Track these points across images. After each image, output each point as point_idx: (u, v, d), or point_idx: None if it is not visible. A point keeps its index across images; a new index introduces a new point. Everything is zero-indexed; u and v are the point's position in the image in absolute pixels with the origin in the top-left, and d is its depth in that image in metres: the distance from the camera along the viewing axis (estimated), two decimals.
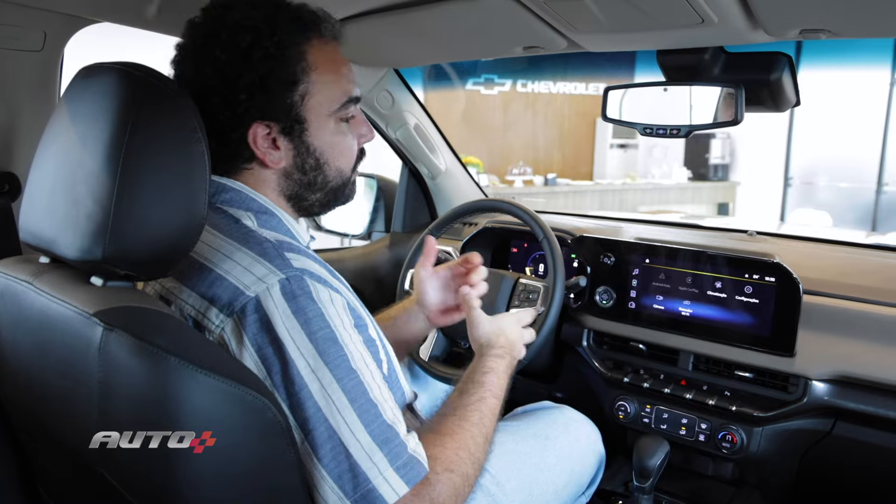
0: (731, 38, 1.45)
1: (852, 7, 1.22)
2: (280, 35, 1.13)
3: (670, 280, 1.87)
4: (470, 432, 1.15)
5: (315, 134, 1.20)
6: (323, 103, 1.19)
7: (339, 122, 1.23)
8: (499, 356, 1.36)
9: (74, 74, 1.03)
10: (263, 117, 1.15)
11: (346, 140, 1.25)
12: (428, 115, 2.48)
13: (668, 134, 1.63)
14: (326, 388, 1.00)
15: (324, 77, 1.18)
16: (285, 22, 1.15)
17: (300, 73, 1.15)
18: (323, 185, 1.24)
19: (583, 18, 1.43)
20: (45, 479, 1.23)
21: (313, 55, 1.17)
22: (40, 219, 1.02)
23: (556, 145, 11.00)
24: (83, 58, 1.06)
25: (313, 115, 1.18)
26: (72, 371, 0.94)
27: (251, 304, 1.02)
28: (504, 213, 1.96)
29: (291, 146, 1.19)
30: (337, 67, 1.21)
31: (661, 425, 1.86)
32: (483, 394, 1.24)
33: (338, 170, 1.25)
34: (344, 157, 1.25)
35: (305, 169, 1.22)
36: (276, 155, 1.18)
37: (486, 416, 1.21)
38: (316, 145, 1.21)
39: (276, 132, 1.17)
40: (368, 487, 0.98)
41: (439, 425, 1.15)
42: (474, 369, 1.31)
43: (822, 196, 9.27)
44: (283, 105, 1.15)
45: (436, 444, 1.10)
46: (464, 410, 1.19)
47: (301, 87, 1.16)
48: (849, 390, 1.63)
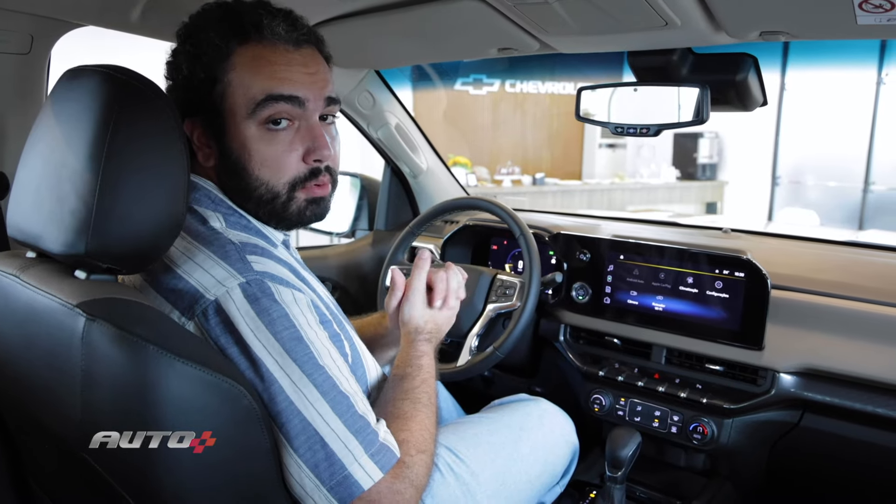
0: (696, 40, 1.50)
1: (807, 10, 1.26)
2: (206, 34, 1.15)
3: (644, 276, 1.91)
4: (424, 412, 1.22)
5: (233, 135, 1.16)
6: (239, 103, 1.15)
7: (264, 128, 1.16)
8: (427, 340, 1.41)
9: (59, 76, 1.05)
10: (191, 114, 1.18)
11: (271, 149, 1.16)
12: (409, 115, 2.51)
13: (639, 133, 1.67)
14: (297, 383, 1.03)
15: (242, 76, 1.14)
16: (216, 22, 1.16)
17: (220, 71, 1.15)
18: (248, 193, 1.18)
19: (551, 21, 1.46)
20: (35, 470, 1.25)
21: (240, 55, 1.14)
22: (27, 215, 1.05)
23: (544, 145, 11.02)
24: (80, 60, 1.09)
25: (230, 115, 1.16)
26: (56, 361, 0.97)
27: (211, 307, 1.04)
28: (483, 211, 2.00)
29: (216, 146, 1.19)
30: (262, 66, 1.14)
31: (634, 418, 1.90)
32: (424, 376, 1.30)
33: (261, 181, 1.17)
34: (268, 169, 1.16)
35: (228, 172, 1.19)
36: (205, 152, 1.20)
37: (431, 396, 1.27)
38: (233, 147, 1.17)
39: (203, 129, 1.19)
40: (344, 474, 1.02)
41: (397, 410, 1.20)
42: (409, 355, 1.36)
43: (809, 195, 9.30)
44: (203, 102, 1.16)
45: (403, 428, 1.15)
46: (413, 394, 1.25)
47: (220, 86, 1.15)
48: (815, 382, 1.67)
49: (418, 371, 1.31)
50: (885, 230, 7.71)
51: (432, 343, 1.42)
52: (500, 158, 10.00)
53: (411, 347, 1.38)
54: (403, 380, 1.28)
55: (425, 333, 1.42)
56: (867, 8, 1.14)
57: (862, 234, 6.09)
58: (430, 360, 1.36)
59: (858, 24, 1.21)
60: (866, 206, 8.81)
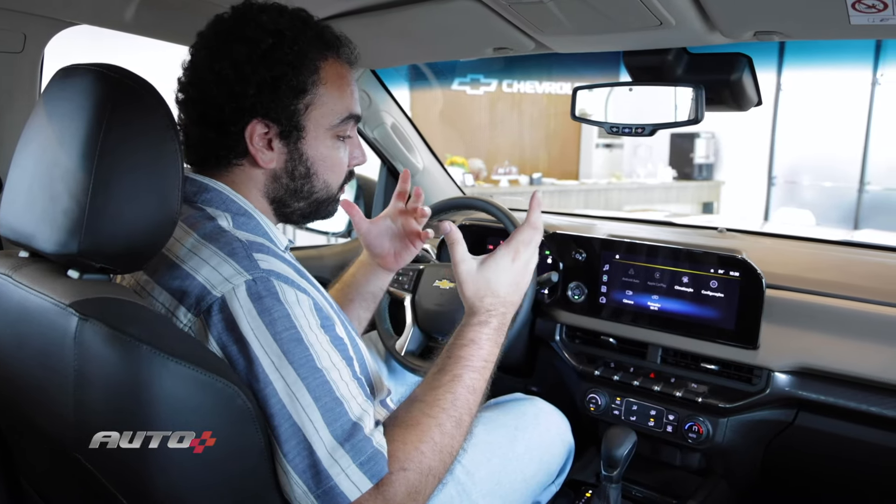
0: (690, 39, 1.50)
1: (800, 10, 1.26)
2: (301, 45, 1.18)
3: (639, 275, 1.92)
4: (437, 419, 1.10)
5: (311, 143, 1.24)
6: (325, 116, 1.23)
7: (336, 139, 1.26)
8: (482, 322, 1.22)
9: (52, 75, 1.05)
10: (265, 116, 1.18)
11: (338, 156, 1.28)
12: (405, 115, 2.51)
13: (634, 133, 1.67)
14: (291, 386, 1.02)
15: (331, 92, 1.23)
16: (309, 35, 1.20)
17: (310, 84, 1.20)
18: (308, 194, 1.28)
19: (546, 21, 1.47)
20: (27, 470, 1.24)
21: (326, 71, 1.22)
22: (19, 214, 1.05)
23: (541, 145, 11.03)
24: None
25: (312, 126, 1.22)
26: (49, 361, 0.96)
27: (217, 304, 1.04)
28: (479, 211, 2.00)
29: (286, 150, 1.23)
30: (344, 87, 1.25)
31: (630, 417, 1.91)
32: (458, 371, 1.16)
33: (325, 183, 1.28)
34: (333, 172, 1.29)
35: (295, 175, 1.25)
36: (268, 155, 1.21)
37: (459, 398, 1.14)
38: (309, 154, 1.24)
39: (273, 134, 1.20)
40: (330, 485, 1.00)
41: (406, 415, 1.12)
42: (454, 341, 1.21)
43: (805, 195, 9.32)
44: (286, 109, 1.19)
45: (396, 438, 1.07)
46: (433, 394, 1.13)
47: (307, 97, 1.20)
48: (810, 381, 1.68)
49: (453, 365, 1.17)
50: (880, 230, 7.72)
51: (490, 323, 1.23)
52: (497, 158, 10.00)
53: (458, 335, 1.22)
54: (435, 374, 1.17)
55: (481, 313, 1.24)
56: (860, 8, 1.14)
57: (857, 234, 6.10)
58: (476, 350, 1.19)
59: (852, 24, 1.21)
60: (862, 206, 8.83)
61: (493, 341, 1.22)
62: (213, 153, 1.21)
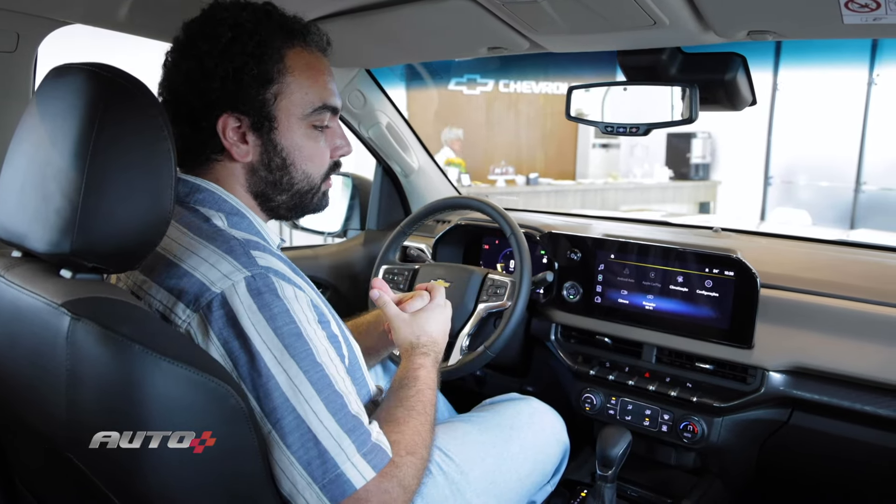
0: (685, 39, 1.50)
1: (793, 10, 1.27)
2: (262, 35, 1.19)
3: (634, 275, 1.92)
4: (418, 419, 1.23)
5: (283, 134, 1.23)
6: (295, 105, 1.22)
7: (312, 128, 1.26)
8: (424, 354, 1.41)
9: (45, 75, 1.05)
10: (234, 109, 1.19)
11: (316, 146, 1.27)
12: (400, 115, 2.52)
13: (628, 132, 1.67)
14: (293, 379, 1.03)
15: (299, 81, 1.22)
16: (270, 25, 1.21)
17: (276, 73, 1.20)
18: (289, 186, 1.27)
19: (540, 20, 1.47)
20: (21, 470, 1.24)
21: (292, 59, 1.21)
22: (12, 214, 1.05)
23: (538, 145, 11.04)
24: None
25: (283, 115, 1.22)
26: (41, 360, 0.97)
27: (217, 299, 1.05)
28: (475, 211, 2.00)
29: (260, 142, 1.23)
30: (315, 75, 1.24)
31: (625, 416, 1.91)
32: (420, 387, 1.30)
33: (304, 173, 1.27)
34: (312, 163, 1.28)
35: (271, 167, 1.25)
36: (243, 148, 1.22)
37: (427, 406, 1.28)
38: (283, 145, 1.23)
39: (245, 126, 1.21)
40: (337, 472, 1.02)
41: (390, 416, 1.22)
42: (406, 368, 1.37)
43: (802, 195, 9.33)
44: (254, 101, 1.19)
45: (394, 430, 1.17)
46: (407, 402, 1.26)
47: (275, 87, 1.20)
48: (804, 381, 1.68)
49: (414, 382, 1.31)
50: (876, 230, 7.74)
51: (430, 355, 1.42)
52: (493, 158, 10.00)
53: (408, 362, 1.39)
54: (399, 390, 1.30)
55: (421, 348, 1.42)
56: (853, 7, 1.14)
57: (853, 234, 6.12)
58: (426, 372, 1.36)
59: (845, 23, 1.21)
60: (858, 206, 8.84)
61: (435, 368, 1.40)
62: (191, 150, 1.22)
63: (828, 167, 9.02)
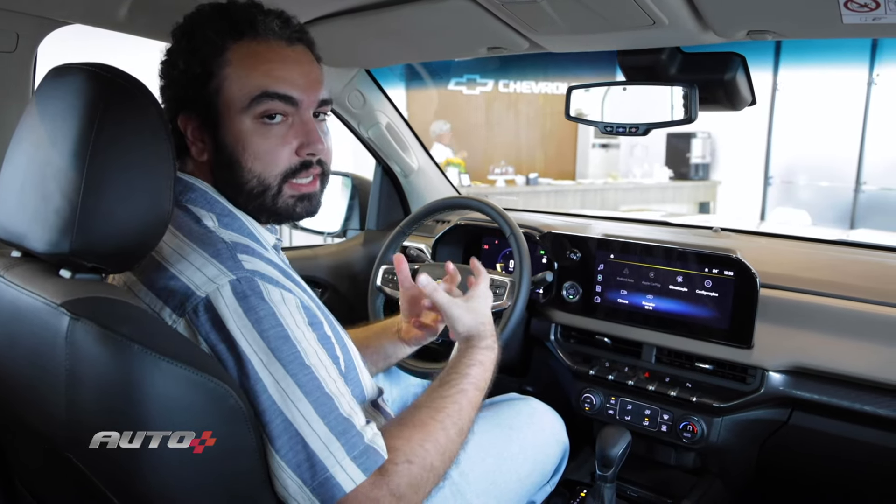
0: (684, 39, 1.50)
1: (793, 9, 1.27)
2: (205, 32, 1.17)
3: (634, 275, 1.92)
4: (442, 424, 1.14)
5: (227, 129, 1.18)
6: (234, 98, 1.17)
7: (258, 122, 1.18)
8: (489, 347, 1.33)
9: (45, 75, 1.05)
10: (184, 109, 1.19)
11: (265, 143, 1.18)
12: (400, 115, 2.51)
13: (628, 132, 1.67)
14: (280, 382, 1.02)
15: (238, 72, 1.16)
16: (209, 19, 1.19)
17: (215, 67, 1.16)
18: (240, 186, 1.20)
19: (540, 20, 1.47)
20: (21, 470, 1.24)
21: (234, 51, 1.17)
22: (11, 214, 1.05)
23: (538, 145, 11.04)
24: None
25: (225, 109, 1.17)
26: (40, 360, 0.96)
27: (202, 304, 1.04)
28: (474, 211, 2.00)
29: (210, 140, 1.20)
30: (258, 63, 1.17)
31: (625, 416, 1.91)
32: (464, 385, 1.23)
33: (253, 174, 1.19)
34: (261, 162, 1.18)
35: (221, 165, 1.20)
36: (199, 147, 1.21)
37: (464, 409, 1.19)
38: (227, 142, 1.18)
39: (198, 124, 1.20)
40: (326, 476, 1.00)
41: (410, 417, 1.15)
42: (459, 359, 1.29)
43: (801, 195, 9.33)
44: (198, 97, 1.18)
45: (400, 435, 1.10)
46: (441, 402, 1.18)
47: (215, 81, 1.17)
48: (804, 381, 1.68)
49: (460, 380, 1.24)
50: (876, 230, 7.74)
51: (494, 351, 1.34)
52: (493, 158, 10.00)
53: (465, 354, 1.31)
54: (440, 386, 1.23)
55: (486, 339, 1.35)
56: (852, 7, 1.14)
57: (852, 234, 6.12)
58: (482, 371, 1.28)
59: (844, 23, 1.21)
60: (858, 206, 8.85)
61: (493, 366, 1.33)
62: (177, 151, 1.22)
63: (828, 167, 9.02)
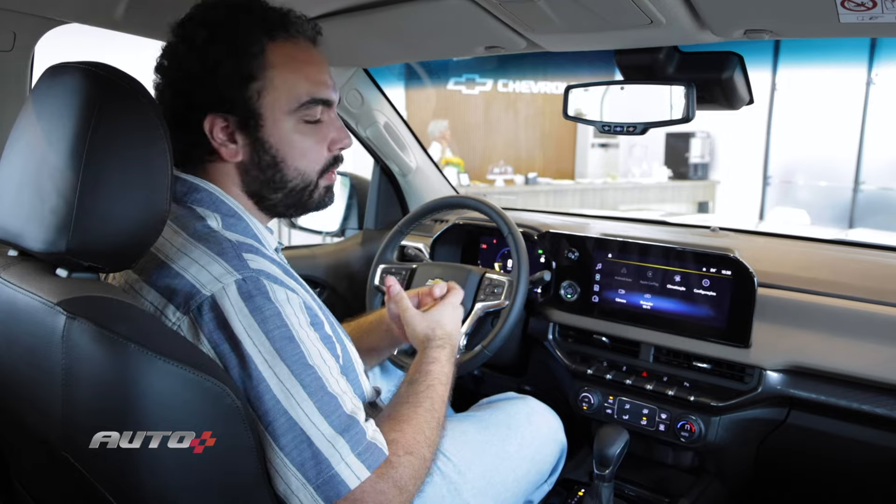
0: (681, 38, 1.50)
1: (790, 9, 1.27)
2: (239, 32, 1.16)
3: (632, 274, 1.92)
4: (423, 417, 1.20)
5: (271, 131, 1.20)
6: (280, 101, 1.19)
7: (302, 123, 1.22)
8: (440, 346, 1.38)
9: (41, 74, 1.05)
10: (218, 110, 1.17)
11: (307, 141, 1.23)
12: (398, 114, 2.51)
13: (625, 131, 1.67)
14: (284, 382, 1.03)
15: (283, 75, 1.19)
16: (247, 20, 1.18)
17: (257, 69, 1.17)
18: (282, 184, 1.24)
19: (537, 19, 1.47)
20: (18, 470, 1.24)
21: (274, 54, 1.18)
22: (8, 213, 1.05)
23: (537, 145, 11.04)
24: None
25: (269, 112, 1.19)
26: (37, 359, 0.96)
27: (207, 302, 1.04)
28: (472, 210, 2.00)
29: (248, 141, 1.20)
30: (300, 67, 1.21)
31: (623, 416, 1.91)
32: (431, 381, 1.28)
33: (297, 170, 1.24)
34: (305, 159, 1.24)
35: (262, 165, 1.22)
36: (232, 148, 1.20)
37: (436, 402, 1.25)
38: (272, 142, 1.21)
39: (233, 125, 1.19)
40: (331, 473, 1.02)
41: (395, 412, 1.20)
42: (419, 361, 1.35)
43: (800, 195, 9.34)
44: (237, 99, 1.17)
45: (394, 429, 1.14)
46: (416, 398, 1.24)
47: (257, 84, 1.17)
48: (802, 380, 1.68)
49: (425, 377, 1.29)
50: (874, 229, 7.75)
51: (445, 349, 1.39)
52: (492, 158, 10.01)
53: (422, 356, 1.37)
54: (409, 385, 1.28)
55: (436, 341, 1.40)
56: (849, 6, 1.14)
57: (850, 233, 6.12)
58: (440, 367, 1.34)
59: (841, 22, 1.21)
60: (856, 206, 8.85)
61: (450, 363, 1.38)
62: (185, 152, 1.20)
63: (826, 167, 9.03)
